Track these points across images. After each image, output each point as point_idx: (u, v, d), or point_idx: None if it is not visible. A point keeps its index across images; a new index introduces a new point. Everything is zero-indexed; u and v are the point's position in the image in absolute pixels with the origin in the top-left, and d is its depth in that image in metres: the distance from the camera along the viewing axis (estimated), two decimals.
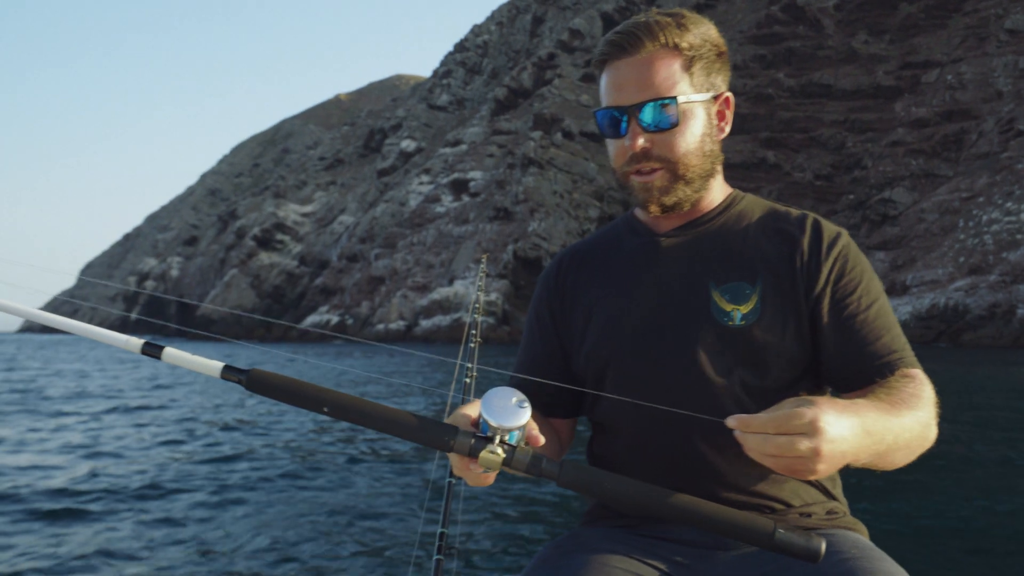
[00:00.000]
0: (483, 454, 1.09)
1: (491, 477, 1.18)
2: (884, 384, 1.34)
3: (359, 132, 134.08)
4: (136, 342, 1.18)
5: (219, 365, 1.15)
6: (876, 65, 78.69)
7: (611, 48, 1.44)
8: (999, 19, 74.21)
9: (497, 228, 76.82)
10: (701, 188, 1.50)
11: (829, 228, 1.48)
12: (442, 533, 1.76)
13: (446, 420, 1.19)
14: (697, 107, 1.45)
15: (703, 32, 1.46)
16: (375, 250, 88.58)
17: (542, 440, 1.15)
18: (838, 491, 1.49)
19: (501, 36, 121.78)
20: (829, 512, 1.45)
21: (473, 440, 1.10)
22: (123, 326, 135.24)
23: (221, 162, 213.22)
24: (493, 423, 1.09)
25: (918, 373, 1.38)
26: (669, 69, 1.42)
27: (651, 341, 1.46)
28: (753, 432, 1.13)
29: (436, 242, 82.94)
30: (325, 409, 1.15)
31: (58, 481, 7.92)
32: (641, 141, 1.43)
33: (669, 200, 1.47)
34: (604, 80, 1.47)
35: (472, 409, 1.19)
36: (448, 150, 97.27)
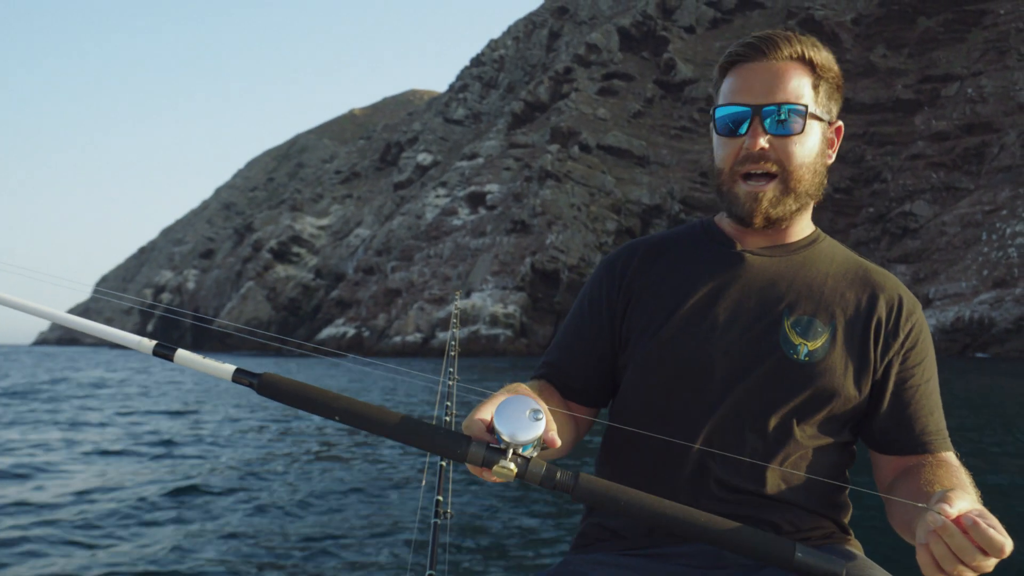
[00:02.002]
0: (496, 468, 1.07)
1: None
2: (946, 470, 1.37)
3: (375, 146, 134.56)
4: (148, 343, 1.19)
5: (231, 368, 1.15)
6: (895, 79, 78.47)
7: (747, 50, 1.44)
8: (1019, 32, 73.92)
9: (514, 241, 76.72)
10: (803, 208, 1.49)
11: (909, 295, 1.50)
12: (438, 501, 1.69)
13: (463, 424, 1.16)
14: (817, 124, 1.45)
15: (830, 59, 1.47)
16: (391, 263, 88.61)
17: (559, 443, 1.13)
18: (845, 521, 1.51)
19: (517, 51, 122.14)
20: (829, 534, 1.47)
21: (486, 452, 1.08)
22: None
23: (236, 176, 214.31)
24: (506, 436, 1.07)
25: (955, 459, 1.44)
26: (800, 81, 1.43)
27: (713, 355, 1.44)
28: (955, 535, 1.07)
29: (453, 255, 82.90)
30: (336, 416, 1.13)
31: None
32: (762, 141, 1.41)
33: (775, 212, 1.45)
34: (730, 81, 1.46)
35: (488, 411, 1.15)
36: (465, 163, 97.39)
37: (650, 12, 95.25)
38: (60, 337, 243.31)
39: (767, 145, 1.41)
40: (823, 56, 1.46)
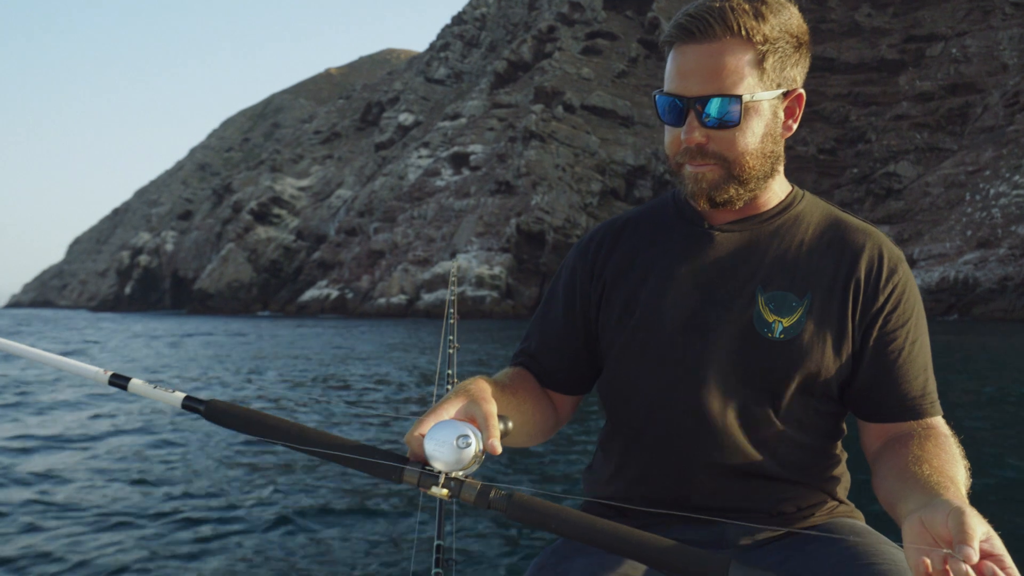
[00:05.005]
0: (430, 491, 1.10)
1: None
2: (934, 442, 1.30)
3: (355, 106, 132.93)
4: (104, 375, 1.19)
5: (180, 396, 1.18)
6: (879, 38, 78.41)
7: (679, 31, 1.34)
8: None
9: (499, 202, 76.43)
10: (756, 188, 1.40)
11: (892, 251, 1.41)
12: (439, 545, 1.67)
13: (404, 438, 1.16)
14: (764, 104, 1.35)
15: (783, 21, 1.34)
16: (374, 224, 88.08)
17: (499, 450, 1.12)
18: (844, 494, 1.48)
19: (499, 9, 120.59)
20: (829, 509, 1.45)
21: (420, 475, 1.10)
22: (116, 301, 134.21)
23: (211, 136, 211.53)
24: (435, 464, 1.09)
25: (943, 424, 1.37)
26: (738, 62, 1.31)
27: (687, 339, 1.40)
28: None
29: (437, 216, 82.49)
30: (281, 441, 1.16)
31: None
32: (697, 135, 1.34)
33: (719, 197, 1.38)
34: (669, 63, 1.37)
35: (427, 427, 1.15)
36: (447, 123, 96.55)
37: None
38: (33, 299, 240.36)
39: (704, 139, 1.34)
40: (768, 25, 1.32)
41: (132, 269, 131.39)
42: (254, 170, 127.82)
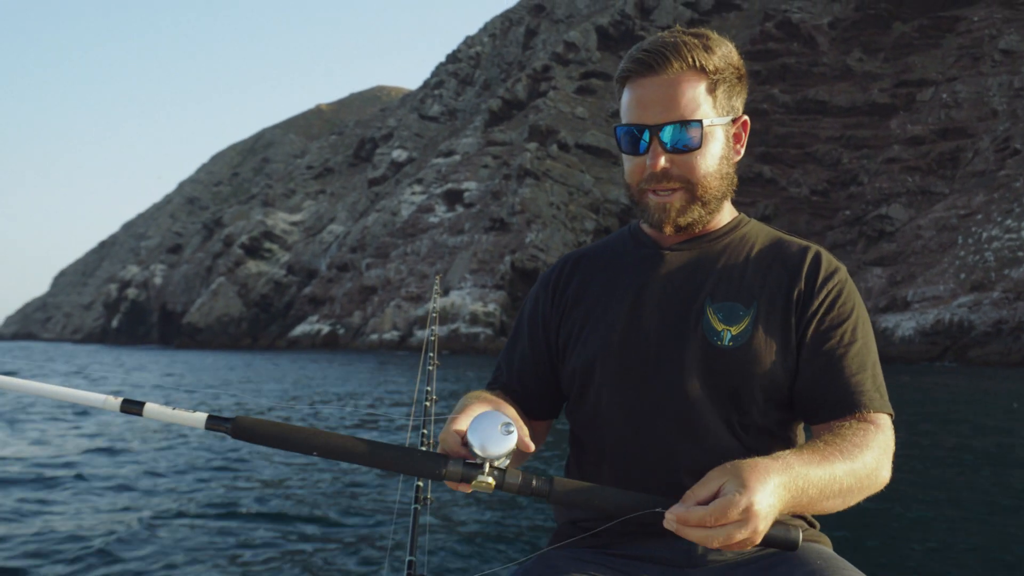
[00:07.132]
0: (475, 482, 1.12)
1: None
2: (834, 429, 1.35)
3: (348, 141, 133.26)
4: (114, 402, 1.15)
5: (202, 417, 1.14)
6: (871, 83, 79.38)
7: (636, 65, 1.43)
8: (992, 39, 75.23)
9: (493, 239, 76.44)
10: (715, 210, 1.51)
11: (829, 260, 1.48)
12: (410, 561, 1.74)
13: (439, 437, 1.20)
14: (718, 130, 1.46)
15: (726, 54, 1.46)
16: (366, 259, 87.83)
17: (532, 448, 1.20)
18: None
19: (494, 48, 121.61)
20: (796, 528, 1.44)
21: (463, 468, 1.12)
22: (103, 334, 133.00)
23: (200, 170, 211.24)
24: (480, 453, 1.11)
25: (879, 419, 1.38)
26: (695, 91, 1.42)
27: (641, 353, 1.46)
28: (693, 528, 1.13)
29: (430, 252, 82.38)
30: (315, 452, 1.15)
31: None
32: (662, 161, 1.43)
33: (684, 221, 1.47)
34: (626, 96, 1.46)
35: (462, 424, 1.20)
36: (441, 160, 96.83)
37: (628, 11, 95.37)
38: (16, 332, 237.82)
39: (668, 164, 1.43)
40: (716, 57, 1.44)
41: (120, 302, 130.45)
42: (245, 204, 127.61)
